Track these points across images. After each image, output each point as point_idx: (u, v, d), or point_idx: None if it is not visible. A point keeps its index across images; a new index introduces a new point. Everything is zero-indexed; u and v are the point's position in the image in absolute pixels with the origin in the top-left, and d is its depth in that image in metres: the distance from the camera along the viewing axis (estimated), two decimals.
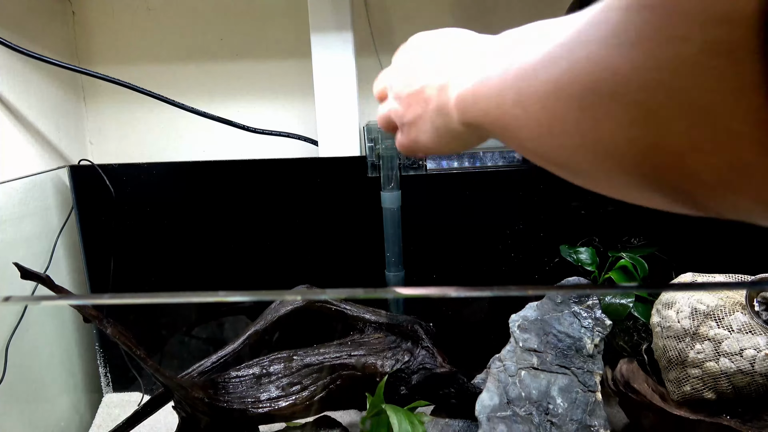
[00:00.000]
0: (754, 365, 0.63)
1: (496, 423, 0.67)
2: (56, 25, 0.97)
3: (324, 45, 0.87)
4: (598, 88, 0.21)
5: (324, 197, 0.91)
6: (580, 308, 0.72)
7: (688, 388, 0.67)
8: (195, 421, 0.68)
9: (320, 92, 0.89)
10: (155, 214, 0.92)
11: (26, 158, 0.87)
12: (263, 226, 0.92)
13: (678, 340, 0.68)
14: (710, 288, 0.71)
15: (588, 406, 0.67)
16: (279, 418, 0.71)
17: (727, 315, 0.65)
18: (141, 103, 1.01)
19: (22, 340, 0.80)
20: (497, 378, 0.70)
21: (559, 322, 0.71)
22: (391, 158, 0.85)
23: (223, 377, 0.72)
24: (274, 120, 1.04)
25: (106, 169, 0.90)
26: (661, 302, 0.72)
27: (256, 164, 0.91)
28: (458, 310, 0.93)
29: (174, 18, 1.01)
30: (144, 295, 0.90)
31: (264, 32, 1.01)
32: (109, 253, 0.93)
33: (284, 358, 0.74)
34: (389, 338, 0.76)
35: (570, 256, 0.87)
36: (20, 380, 0.80)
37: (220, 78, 1.03)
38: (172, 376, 0.66)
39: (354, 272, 0.93)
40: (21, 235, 0.82)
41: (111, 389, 1.00)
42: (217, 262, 0.94)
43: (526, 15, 0.98)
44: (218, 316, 0.97)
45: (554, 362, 0.69)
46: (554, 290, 0.76)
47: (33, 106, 0.89)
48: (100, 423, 0.94)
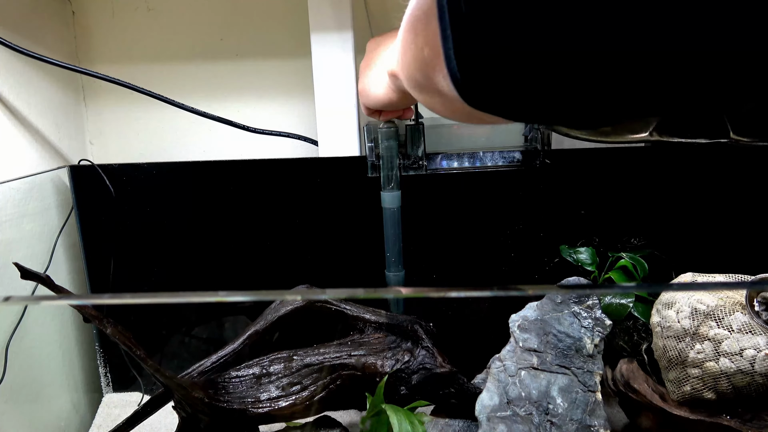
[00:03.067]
0: (754, 365, 0.63)
1: (496, 423, 0.67)
2: (56, 25, 0.97)
3: (324, 45, 0.87)
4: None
5: (324, 197, 0.91)
6: (580, 308, 0.72)
7: (688, 388, 0.67)
8: (195, 421, 0.68)
9: (320, 92, 0.89)
10: (155, 214, 0.92)
11: (26, 158, 0.87)
12: (263, 226, 0.92)
13: (678, 340, 0.68)
14: (710, 288, 0.71)
15: (588, 406, 0.67)
16: (279, 418, 0.72)
17: (727, 315, 0.65)
18: (141, 103, 1.01)
19: (22, 340, 0.80)
20: (497, 378, 0.70)
21: (559, 322, 0.71)
22: (391, 158, 0.85)
23: (223, 377, 0.72)
24: (274, 120, 1.04)
25: (106, 169, 0.90)
26: (661, 302, 0.72)
27: (256, 164, 0.91)
28: (458, 310, 0.93)
29: (174, 18, 1.01)
30: (144, 295, 0.90)
31: (264, 32, 1.01)
32: (109, 253, 0.93)
33: (284, 358, 0.74)
34: (389, 338, 0.76)
35: (570, 256, 0.87)
36: (20, 380, 0.80)
37: (220, 78, 1.03)
38: (172, 376, 0.66)
39: (354, 272, 0.93)
40: (21, 235, 0.82)
41: (111, 389, 1.00)
42: (217, 262, 0.94)
43: None
44: (218, 316, 0.97)
45: (554, 362, 0.69)
46: (554, 290, 0.76)
47: (33, 106, 0.89)
48: (100, 423, 0.94)
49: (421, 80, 0.33)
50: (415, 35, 0.31)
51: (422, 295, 0.83)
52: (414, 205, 0.88)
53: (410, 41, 0.32)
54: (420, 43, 0.30)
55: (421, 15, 0.29)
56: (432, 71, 0.30)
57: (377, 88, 0.61)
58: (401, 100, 0.59)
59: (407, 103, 0.67)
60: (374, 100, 0.63)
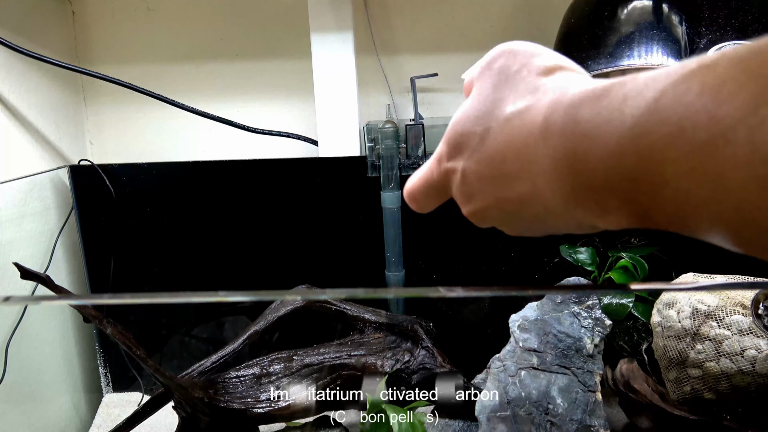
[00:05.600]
0: (755, 366, 0.63)
1: (496, 423, 0.67)
2: (56, 25, 0.97)
3: (324, 45, 0.87)
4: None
5: (324, 197, 0.91)
6: (580, 308, 0.72)
7: (688, 388, 0.67)
8: (195, 421, 0.68)
9: (320, 92, 0.89)
10: (155, 214, 0.92)
11: (26, 158, 0.87)
12: (263, 226, 0.92)
13: (678, 340, 0.68)
14: (710, 288, 0.71)
15: (588, 406, 0.67)
16: (279, 418, 0.71)
17: (728, 315, 0.65)
18: (141, 103, 1.01)
19: (22, 340, 0.80)
20: (497, 378, 0.70)
21: (559, 322, 0.71)
22: (391, 158, 0.85)
23: (223, 377, 0.72)
24: (274, 120, 1.04)
25: (106, 169, 0.90)
26: (662, 302, 0.72)
27: (256, 164, 0.91)
28: (458, 310, 0.93)
29: (174, 18, 1.01)
30: (144, 295, 0.90)
31: (264, 32, 1.01)
32: (109, 253, 0.93)
33: (284, 358, 0.74)
34: (389, 338, 0.76)
35: (570, 256, 0.87)
36: (20, 380, 0.80)
37: (220, 78, 1.03)
38: (172, 376, 0.66)
39: (354, 272, 0.93)
40: (21, 235, 0.82)
41: (111, 389, 1.00)
42: (217, 262, 0.94)
43: (526, 16, 0.98)
44: (218, 316, 0.97)
45: (554, 362, 0.69)
46: (554, 290, 0.76)
47: (33, 106, 0.89)
48: (100, 423, 0.94)
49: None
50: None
51: (422, 295, 0.83)
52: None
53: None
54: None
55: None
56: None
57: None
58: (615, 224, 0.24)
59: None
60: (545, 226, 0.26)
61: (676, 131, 0.17)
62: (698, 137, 0.16)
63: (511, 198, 0.25)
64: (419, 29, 0.98)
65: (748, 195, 0.16)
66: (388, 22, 0.98)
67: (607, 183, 0.20)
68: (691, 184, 0.17)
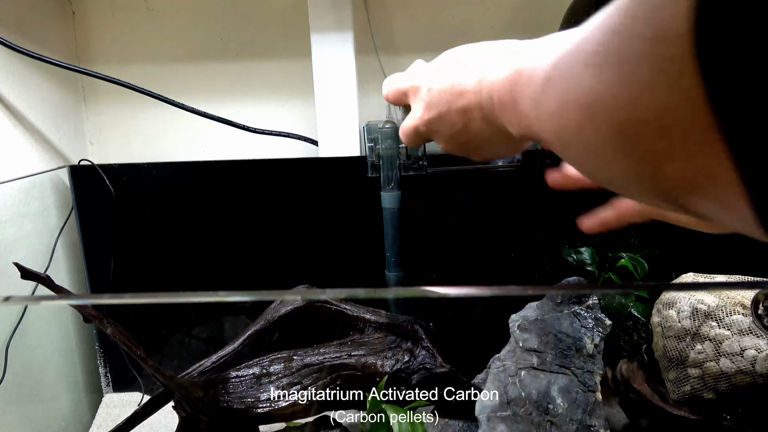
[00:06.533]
0: (755, 366, 0.63)
1: (496, 423, 0.67)
2: (56, 25, 0.97)
3: (324, 45, 0.87)
4: (583, 105, 0.22)
5: (324, 197, 0.91)
6: (580, 308, 0.72)
7: (688, 388, 0.67)
8: (195, 421, 0.68)
9: (320, 92, 0.89)
10: (155, 214, 0.92)
11: (26, 158, 0.87)
12: (263, 226, 0.92)
13: (678, 340, 0.68)
14: (710, 288, 0.71)
15: (588, 406, 0.67)
16: (279, 418, 0.71)
17: (728, 315, 0.65)
18: (141, 103, 1.01)
19: (22, 340, 0.80)
20: (497, 378, 0.70)
21: (559, 322, 0.71)
22: (391, 158, 0.84)
23: (223, 377, 0.72)
24: (274, 120, 1.04)
25: (106, 169, 0.90)
26: (662, 302, 0.72)
27: (256, 164, 0.91)
28: (458, 310, 0.93)
29: (174, 18, 1.01)
30: (144, 295, 0.90)
31: (264, 32, 1.01)
32: (109, 253, 0.93)
33: (284, 358, 0.74)
34: (389, 338, 0.76)
35: (570, 257, 0.87)
36: (20, 380, 0.80)
37: (220, 78, 1.03)
38: (172, 376, 0.66)
39: (354, 272, 0.93)
40: (21, 235, 0.82)
41: (111, 389, 1.00)
42: (217, 262, 0.94)
43: (526, 16, 0.98)
44: (218, 316, 0.97)
45: (554, 362, 0.69)
46: (554, 290, 0.76)
47: (33, 106, 0.89)
48: (100, 423, 0.94)
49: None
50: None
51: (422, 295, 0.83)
52: (414, 205, 0.88)
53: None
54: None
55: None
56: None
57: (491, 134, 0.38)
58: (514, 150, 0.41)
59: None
60: (482, 151, 0.42)
61: (513, 98, 0.31)
62: (514, 96, 0.31)
63: (458, 107, 0.38)
64: (419, 29, 0.98)
65: (537, 123, 0.28)
66: (388, 22, 0.98)
67: (504, 105, 0.33)
68: (523, 114, 0.30)
